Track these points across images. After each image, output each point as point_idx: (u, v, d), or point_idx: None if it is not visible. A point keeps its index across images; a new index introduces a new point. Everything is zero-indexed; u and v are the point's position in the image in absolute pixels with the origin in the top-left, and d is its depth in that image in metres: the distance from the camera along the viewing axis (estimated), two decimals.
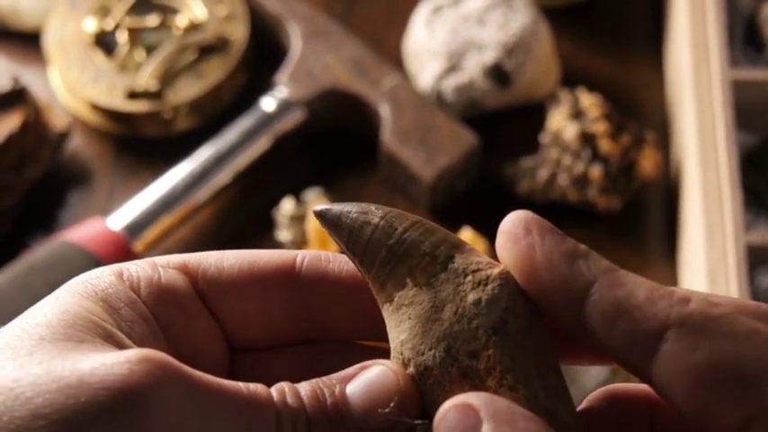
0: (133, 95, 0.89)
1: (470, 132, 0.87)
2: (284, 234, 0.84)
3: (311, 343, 0.40)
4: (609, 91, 0.93)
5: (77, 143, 0.91)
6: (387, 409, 0.36)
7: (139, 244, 0.82)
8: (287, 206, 0.84)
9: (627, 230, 0.87)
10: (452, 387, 0.36)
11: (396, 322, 0.37)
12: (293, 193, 0.86)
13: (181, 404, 0.33)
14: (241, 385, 0.35)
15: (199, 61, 0.91)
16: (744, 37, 0.92)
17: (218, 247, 0.40)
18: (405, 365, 0.37)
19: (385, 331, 0.38)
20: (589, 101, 0.87)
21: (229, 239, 0.86)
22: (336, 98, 0.89)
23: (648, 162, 0.85)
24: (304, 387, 0.36)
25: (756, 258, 0.77)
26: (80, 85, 0.89)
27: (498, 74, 0.88)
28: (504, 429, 0.34)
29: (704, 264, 0.75)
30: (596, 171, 0.84)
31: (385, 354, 0.38)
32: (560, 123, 0.86)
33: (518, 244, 0.36)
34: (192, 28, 0.91)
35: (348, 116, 0.90)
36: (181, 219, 0.84)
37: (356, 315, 0.40)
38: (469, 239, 0.80)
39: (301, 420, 0.35)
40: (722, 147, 0.80)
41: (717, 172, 0.79)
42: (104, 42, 0.92)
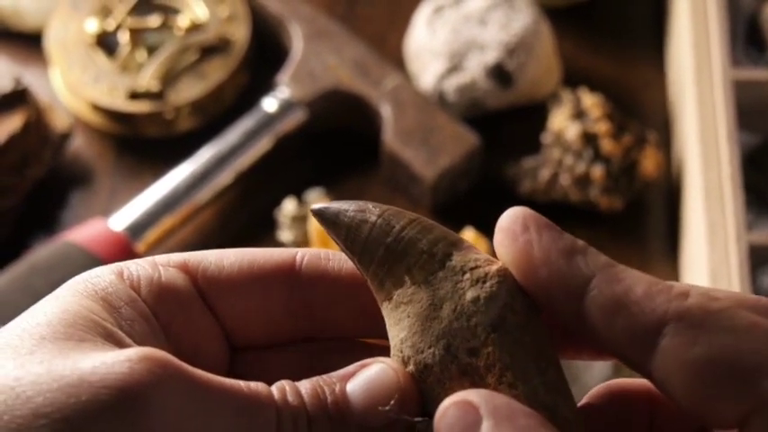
0: (134, 96, 0.89)
1: (472, 132, 0.87)
2: (286, 234, 0.84)
3: (311, 341, 0.40)
4: (610, 91, 0.92)
5: (79, 144, 0.91)
6: (387, 407, 0.36)
7: (141, 244, 0.82)
8: (288, 206, 0.84)
9: (629, 230, 0.87)
10: (452, 384, 0.36)
11: (395, 320, 0.37)
12: (295, 194, 0.86)
13: (182, 403, 0.33)
14: (242, 383, 0.35)
15: (200, 62, 0.91)
16: (745, 37, 0.92)
17: (219, 248, 0.40)
18: (404, 363, 0.37)
19: (385, 329, 0.38)
20: (591, 101, 0.86)
21: (231, 240, 0.86)
22: (338, 98, 0.89)
23: (650, 162, 0.85)
24: (304, 385, 0.36)
25: (758, 258, 0.77)
26: (81, 86, 0.89)
27: (500, 74, 0.88)
28: (504, 426, 0.34)
29: (706, 264, 0.75)
30: (598, 171, 0.84)
31: (385, 352, 0.38)
32: (562, 123, 0.86)
33: (516, 240, 0.36)
34: (194, 28, 0.92)
35: (350, 116, 0.90)
36: (182, 219, 0.84)
37: (356, 313, 0.40)
38: (471, 239, 0.80)
39: (302, 418, 0.35)
40: (724, 147, 0.80)
41: (718, 172, 0.79)
42: (106, 43, 0.92)
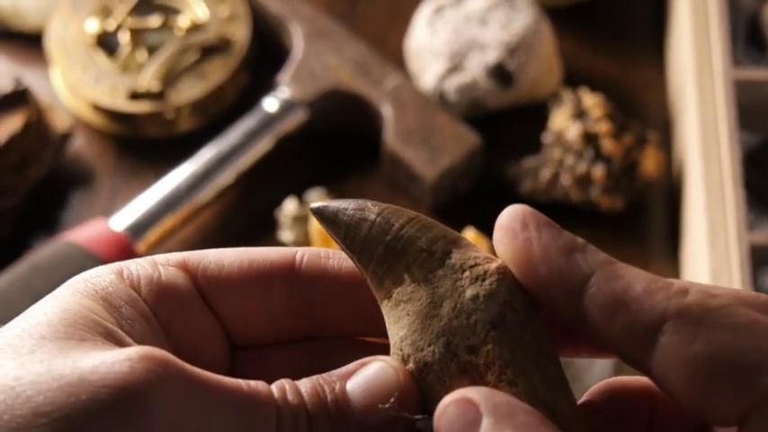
0: (135, 96, 0.89)
1: (473, 132, 0.86)
2: (287, 235, 0.84)
3: (311, 340, 0.40)
4: (611, 91, 0.92)
5: (79, 144, 0.91)
6: (387, 405, 0.36)
7: (142, 245, 0.82)
8: (290, 207, 0.84)
9: (629, 230, 0.87)
10: (452, 382, 0.36)
11: (395, 319, 0.37)
12: (296, 194, 0.86)
13: (181, 401, 0.33)
14: (241, 382, 0.35)
15: (201, 62, 0.91)
16: (746, 37, 0.92)
17: (220, 248, 0.40)
18: (404, 361, 0.37)
19: (385, 328, 0.38)
20: (592, 101, 0.86)
21: (232, 240, 0.86)
22: (339, 98, 0.89)
23: (651, 162, 0.85)
24: (304, 384, 0.36)
25: (759, 258, 0.77)
26: (82, 86, 0.89)
27: (501, 74, 0.88)
28: (504, 423, 0.34)
29: (707, 263, 0.75)
30: (599, 171, 0.84)
31: (385, 350, 0.38)
32: (563, 123, 0.86)
33: (515, 238, 0.36)
34: (194, 28, 0.91)
35: (350, 116, 0.90)
36: (183, 219, 0.84)
37: (356, 311, 0.40)
38: (473, 240, 0.80)
39: (302, 417, 0.35)
40: (725, 146, 0.80)
41: (719, 171, 0.79)
42: (106, 43, 0.92)
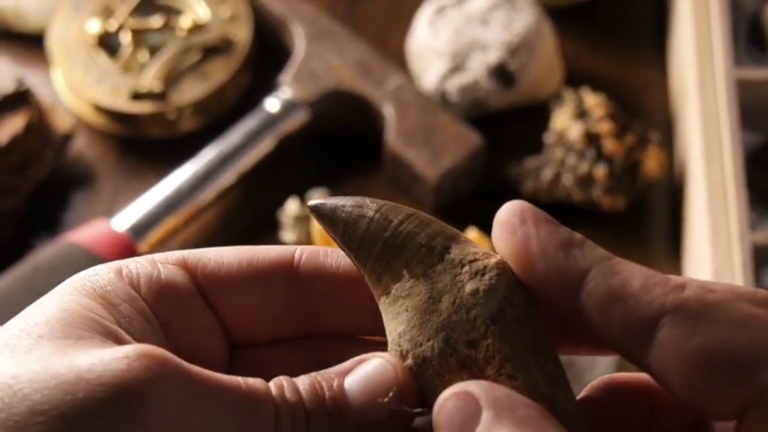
0: (137, 96, 0.89)
1: (475, 132, 0.86)
2: (289, 235, 0.84)
3: (311, 338, 0.40)
4: (613, 90, 0.92)
5: (81, 144, 0.90)
6: (386, 399, 0.36)
7: (144, 245, 0.82)
8: (291, 207, 0.84)
9: (631, 230, 0.87)
10: (451, 377, 0.36)
11: (393, 315, 0.37)
12: (298, 194, 0.86)
13: (179, 399, 0.33)
14: (239, 380, 0.35)
15: (203, 62, 0.91)
16: (747, 36, 0.92)
17: None
18: (403, 357, 0.37)
19: (384, 325, 0.38)
20: (593, 100, 0.86)
21: (234, 240, 0.86)
22: (340, 99, 0.89)
23: (653, 162, 0.85)
24: (302, 381, 0.36)
25: (762, 258, 0.77)
26: (84, 87, 0.89)
27: (502, 74, 0.88)
28: (504, 417, 0.34)
29: (709, 263, 0.75)
30: (601, 171, 0.84)
31: (385, 348, 0.38)
32: (564, 123, 0.86)
33: (514, 234, 0.36)
34: (196, 29, 0.91)
35: (352, 117, 0.90)
36: (185, 220, 0.84)
37: (355, 309, 0.40)
38: (475, 239, 0.80)
39: (300, 414, 0.35)
40: (727, 146, 0.80)
41: (721, 171, 0.79)
42: (108, 43, 0.92)
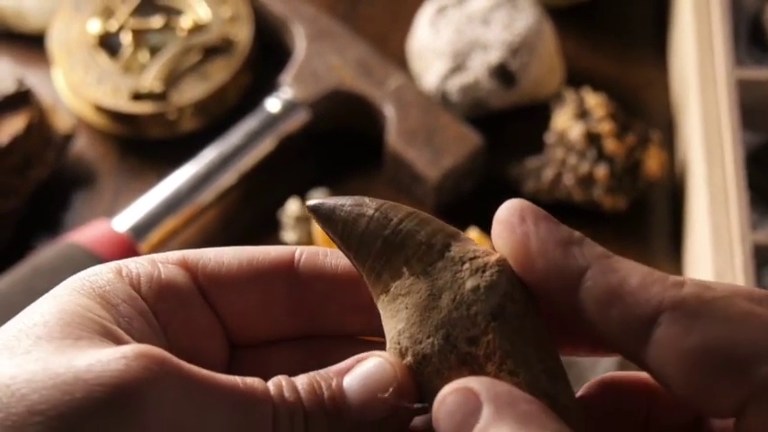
0: (137, 97, 0.88)
1: (476, 132, 0.86)
2: (290, 235, 0.84)
3: (310, 338, 0.40)
4: (613, 90, 0.92)
5: (82, 145, 0.90)
6: (386, 394, 0.36)
7: (145, 245, 0.82)
8: (292, 207, 0.84)
9: (632, 230, 0.87)
10: (451, 374, 0.36)
11: (392, 313, 0.37)
12: (298, 194, 0.86)
13: (177, 399, 0.33)
14: (238, 379, 0.35)
15: (203, 62, 0.91)
16: (748, 36, 0.92)
17: None
18: (402, 355, 0.37)
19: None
20: (594, 100, 0.86)
21: (235, 241, 0.86)
22: (341, 99, 0.89)
23: (654, 161, 0.85)
24: (301, 380, 0.36)
25: (763, 258, 0.77)
26: (84, 87, 0.89)
27: (503, 74, 0.88)
28: (505, 412, 0.34)
29: (710, 263, 0.75)
30: (602, 171, 0.84)
31: (384, 348, 0.38)
32: (565, 123, 0.86)
33: (513, 232, 0.36)
34: (197, 29, 0.91)
35: (353, 117, 0.90)
36: (186, 220, 0.84)
37: (354, 309, 0.40)
38: (477, 239, 0.80)
39: (298, 414, 0.35)
40: (728, 146, 0.80)
41: (722, 171, 0.79)
42: (108, 44, 0.92)
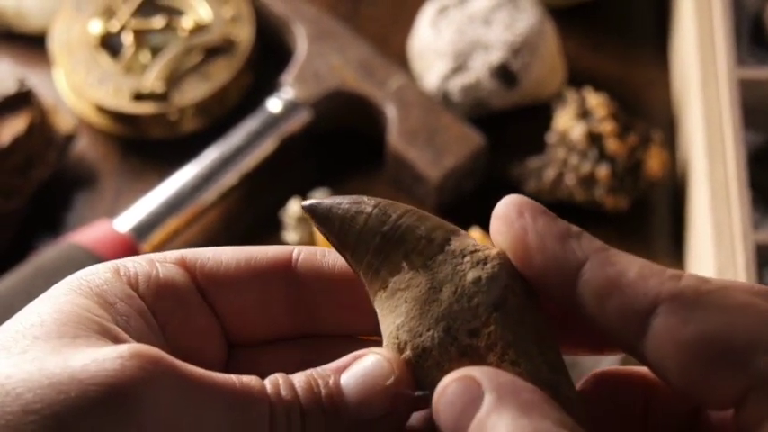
0: (139, 97, 0.88)
1: (477, 132, 0.86)
2: (291, 235, 0.84)
3: (308, 337, 0.40)
4: (615, 90, 0.92)
5: (83, 145, 0.90)
6: (384, 391, 0.36)
7: (146, 246, 0.82)
8: (294, 207, 0.84)
9: (634, 230, 0.87)
10: (451, 366, 0.36)
11: (390, 308, 0.37)
12: (300, 195, 0.86)
13: (173, 399, 0.33)
14: (234, 378, 0.35)
15: (204, 63, 0.91)
16: (750, 36, 0.92)
17: None
18: (401, 350, 0.37)
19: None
20: (595, 100, 0.86)
21: (236, 241, 0.86)
22: (342, 99, 0.89)
23: (655, 161, 0.85)
24: (298, 378, 0.36)
25: (765, 257, 0.77)
26: (86, 87, 0.89)
27: (505, 74, 0.88)
28: (507, 400, 0.34)
29: (712, 263, 0.75)
30: (603, 171, 0.84)
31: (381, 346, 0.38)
32: (567, 123, 0.86)
33: (511, 227, 0.36)
34: (198, 29, 0.91)
35: (354, 117, 0.90)
36: (187, 221, 0.84)
37: (352, 308, 0.40)
38: (478, 239, 0.80)
39: (295, 412, 0.35)
40: (729, 146, 0.80)
41: (724, 171, 0.79)
42: (110, 44, 0.91)
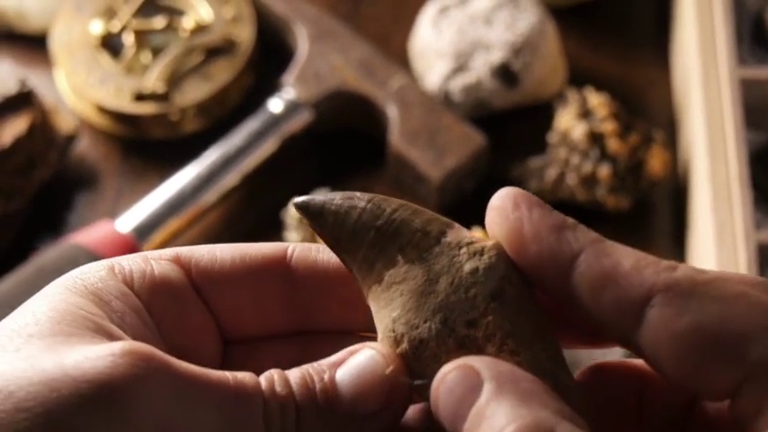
0: (140, 97, 0.88)
1: (478, 132, 0.86)
2: (293, 235, 0.84)
3: (304, 334, 0.41)
4: (616, 90, 0.92)
5: (84, 146, 0.90)
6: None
7: (147, 246, 0.82)
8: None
9: (635, 230, 0.87)
10: (449, 357, 0.36)
11: (386, 301, 0.37)
12: (301, 195, 0.86)
13: (165, 396, 0.33)
14: (227, 375, 0.35)
15: (205, 63, 0.91)
16: (751, 35, 0.92)
17: None
18: (397, 342, 0.37)
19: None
20: (597, 100, 0.86)
21: (237, 241, 0.85)
22: (344, 99, 0.89)
23: (657, 161, 0.85)
24: (294, 374, 0.36)
25: (767, 257, 0.77)
26: (87, 88, 0.89)
27: (506, 74, 0.88)
28: (506, 389, 0.34)
29: (714, 263, 0.75)
30: (604, 170, 0.84)
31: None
32: (568, 123, 0.86)
33: (507, 218, 0.36)
34: (199, 30, 0.91)
35: (355, 117, 0.90)
36: (189, 221, 0.84)
37: (347, 304, 0.40)
38: None
39: (290, 408, 0.35)
40: (731, 145, 0.80)
41: (726, 170, 0.79)
42: (111, 44, 0.91)
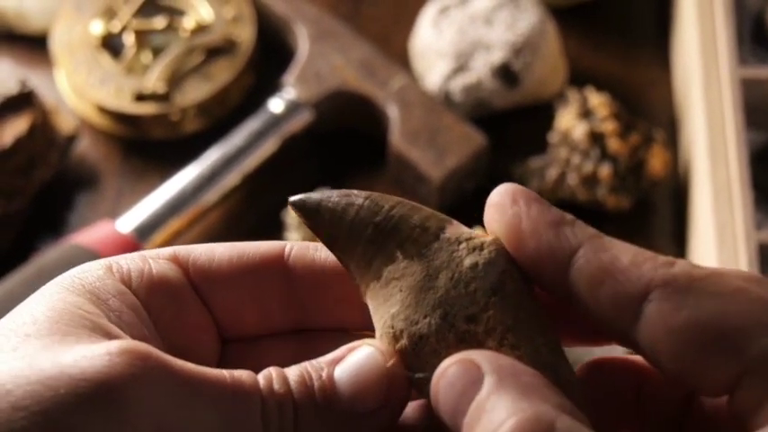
0: (140, 98, 0.88)
1: (479, 132, 0.86)
2: (293, 236, 0.84)
3: (302, 332, 0.41)
4: (617, 90, 0.92)
5: (85, 146, 0.90)
6: (377, 385, 0.36)
7: (148, 247, 0.82)
8: None
9: (636, 230, 0.87)
10: (449, 353, 0.36)
11: (385, 298, 0.37)
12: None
13: (162, 394, 0.33)
14: (225, 373, 0.35)
15: (206, 63, 0.91)
16: (752, 35, 0.92)
17: None
18: (396, 338, 0.37)
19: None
20: (597, 100, 0.86)
21: (238, 241, 0.86)
22: (344, 99, 0.89)
23: (657, 161, 0.85)
24: (292, 371, 0.36)
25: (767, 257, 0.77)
26: (87, 88, 0.89)
27: (506, 74, 0.88)
28: (508, 382, 0.34)
29: (715, 263, 0.75)
30: (605, 170, 0.84)
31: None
32: (569, 123, 0.86)
33: (505, 214, 0.36)
34: (199, 30, 0.91)
35: (356, 117, 0.90)
36: (189, 221, 0.84)
37: (345, 302, 0.40)
38: None
39: (288, 406, 0.35)
40: (732, 145, 0.80)
41: (727, 170, 0.79)
42: (111, 45, 0.91)
